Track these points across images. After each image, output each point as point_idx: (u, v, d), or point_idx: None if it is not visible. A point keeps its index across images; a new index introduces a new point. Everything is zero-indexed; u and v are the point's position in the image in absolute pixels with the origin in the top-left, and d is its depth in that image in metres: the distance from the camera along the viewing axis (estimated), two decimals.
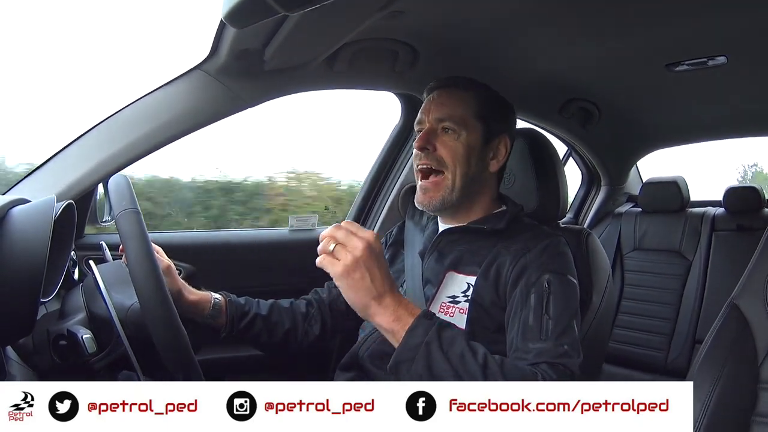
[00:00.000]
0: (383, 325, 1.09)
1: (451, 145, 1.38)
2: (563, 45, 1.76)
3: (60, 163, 1.42)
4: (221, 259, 1.89)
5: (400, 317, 1.08)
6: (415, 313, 1.09)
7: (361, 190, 2.29)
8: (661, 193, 3.19)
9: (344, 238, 1.07)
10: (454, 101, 1.40)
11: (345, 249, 1.06)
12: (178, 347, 1.02)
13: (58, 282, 1.15)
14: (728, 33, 1.66)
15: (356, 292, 1.07)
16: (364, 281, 1.06)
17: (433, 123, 1.39)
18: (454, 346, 1.06)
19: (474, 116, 1.39)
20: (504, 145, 1.44)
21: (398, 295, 1.11)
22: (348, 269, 1.05)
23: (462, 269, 1.37)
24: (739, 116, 2.67)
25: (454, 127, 1.38)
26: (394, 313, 1.08)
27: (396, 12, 1.36)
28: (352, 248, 1.06)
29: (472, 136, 1.39)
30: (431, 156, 1.37)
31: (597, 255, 1.57)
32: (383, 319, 1.08)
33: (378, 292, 1.07)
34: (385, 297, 1.08)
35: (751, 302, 1.19)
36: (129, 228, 1.03)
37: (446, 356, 1.05)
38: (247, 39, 1.36)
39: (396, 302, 1.09)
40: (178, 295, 1.37)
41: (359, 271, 1.06)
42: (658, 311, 3.02)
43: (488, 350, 1.12)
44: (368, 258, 1.06)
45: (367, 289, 1.07)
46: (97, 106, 1.57)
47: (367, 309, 1.08)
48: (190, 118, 1.48)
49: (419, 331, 1.07)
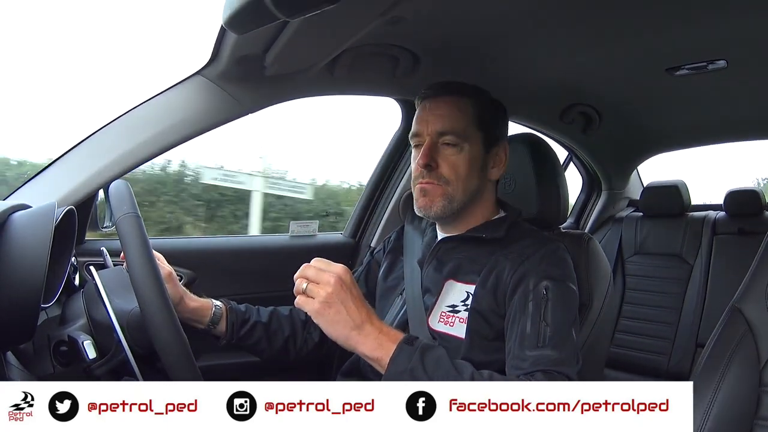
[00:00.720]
0: (366, 354, 1.09)
1: (453, 160, 1.34)
2: (564, 50, 1.76)
3: (61, 168, 1.42)
4: (222, 265, 1.88)
5: (382, 344, 1.09)
6: (396, 339, 1.10)
7: (362, 196, 2.29)
8: (662, 198, 3.19)
9: (314, 276, 1.09)
10: (453, 111, 1.36)
11: (317, 286, 1.08)
12: (179, 353, 1.02)
13: (58, 288, 1.14)
14: (728, 37, 1.66)
15: (335, 326, 1.08)
16: (341, 314, 1.08)
17: (434, 136, 1.35)
18: (438, 369, 1.07)
19: (474, 125, 1.37)
20: (503, 152, 1.43)
21: (378, 322, 1.12)
22: (323, 306, 1.07)
23: (461, 278, 1.37)
24: (740, 120, 2.66)
25: (456, 141, 1.34)
26: (375, 340, 1.09)
27: (397, 18, 1.35)
28: (324, 284, 1.08)
29: (473, 147, 1.36)
30: (434, 174, 1.34)
31: (598, 260, 1.57)
32: (366, 348, 1.09)
33: (356, 323, 1.08)
34: (364, 327, 1.09)
35: (753, 306, 1.18)
36: (129, 232, 1.03)
37: (431, 380, 1.05)
38: (248, 45, 1.36)
39: (377, 330, 1.10)
40: (179, 302, 1.37)
41: (334, 306, 1.07)
42: (660, 315, 3.01)
43: (487, 360, 1.12)
44: (340, 291, 1.08)
45: (344, 322, 1.08)
46: (98, 111, 1.58)
47: (349, 341, 1.09)
48: (190, 124, 1.48)
49: (402, 358, 1.07)
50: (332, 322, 1.08)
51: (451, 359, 1.10)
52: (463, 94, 1.39)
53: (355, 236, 2.25)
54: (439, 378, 1.05)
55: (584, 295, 1.48)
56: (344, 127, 3.58)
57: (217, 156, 3.39)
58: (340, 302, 1.07)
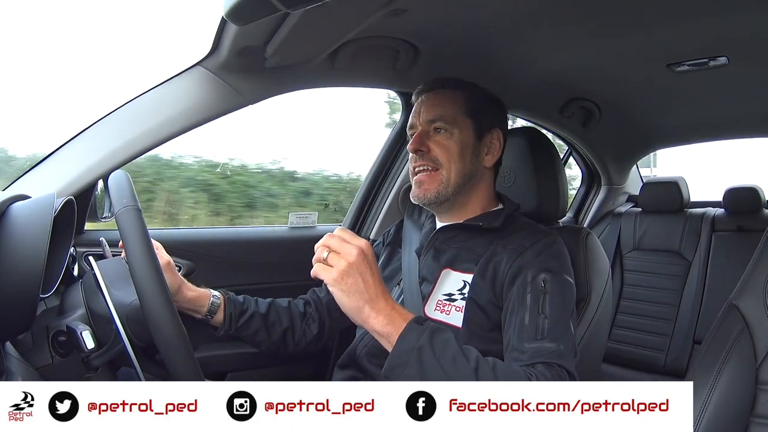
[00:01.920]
0: (376, 329, 1.09)
1: (445, 144, 1.39)
2: (564, 45, 1.76)
3: (60, 159, 1.42)
4: (221, 255, 1.88)
5: (392, 321, 1.08)
6: (407, 318, 1.09)
7: (361, 188, 2.29)
8: (661, 194, 3.19)
9: (338, 246, 1.08)
10: (443, 101, 1.42)
11: (338, 255, 1.07)
12: (178, 345, 1.02)
13: (57, 278, 1.14)
14: (729, 33, 1.66)
15: (349, 296, 1.07)
16: (357, 286, 1.06)
17: (425, 125, 1.41)
18: (446, 351, 1.06)
19: (464, 113, 1.41)
20: (497, 139, 1.46)
21: (391, 300, 1.11)
22: (341, 274, 1.06)
23: (458, 267, 1.38)
24: (740, 117, 2.67)
25: (445, 126, 1.40)
26: (387, 317, 1.08)
27: (398, 10, 1.35)
28: (346, 254, 1.06)
29: (464, 133, 1.40)
30: (426, 157, 1.39)
31: (596, 255, 1.57)
32: (376, 323, 1.08)
33: (370, 297, 1.08)
34: (378, 301, 1.08)
35: (750, 303, 1.19)
36: (129, 225, 1.03)
37: (438, 360, 1.05)
38: (249, 36, 1.35)
39: (389, 307, 1.09)
40: (177, 291, 1.37)
41: (352, 277, 1.06)
42: (658, 311, 3.02)
43: (484, 350, 1.12)
44: (361, 263, 1.07)
45: (360, 294, 1.07)
46: (98, 102, 1.57)
47: (360, 313, 1.08)
48: (191, 115, 1.48)
49: (411, 336, 1.07)
50: (347, 293, 1.07)
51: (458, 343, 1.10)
52: (455, 87, 1.45)
53: (355, 228, 2.25)
54: (445, 359, 1.05)
55: (582, 290, 1.49)
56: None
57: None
58: (359, 274, 1.06)
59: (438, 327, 1.11)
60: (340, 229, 1.11)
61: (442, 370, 1.04)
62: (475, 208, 1.44)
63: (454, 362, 1.05)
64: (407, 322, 1.08)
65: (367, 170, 2.29)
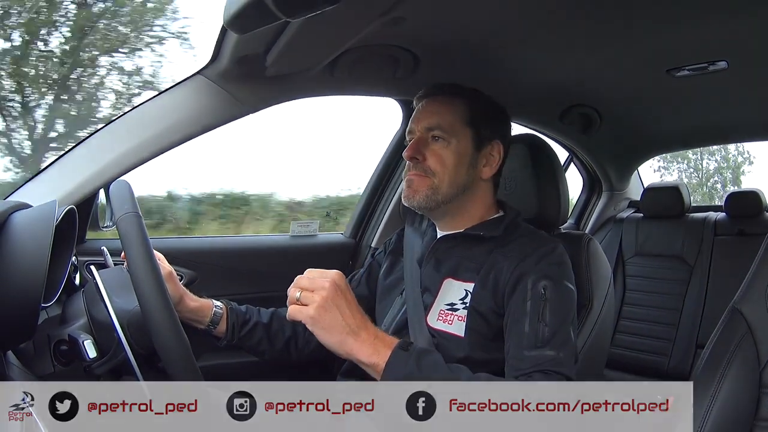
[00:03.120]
0: (363, 360, 1.08)
1: (440, 153, 1.37)
2: (564, 51, 1.76)
3: (62, 168, 1.43)
4: (222, 265, 1.88)
5: (378, 350, 1.08)
6: (392, 345, 1.09)
7: (362, 197, 2.29)
8: (663, 199, 3.19)
9: (308, 284, 1.08)
10: (443, 109, 1.40)
11: (311, 293, 1.07)
12: (180, 354, 1.02)
13: (59, 287, 1.14)
14: (728, 38, 1.66)
15: (330, 332, 1.07)
16: (336, 320, 1.07)
17: (423, 132, 1.39)
18: (435, 374, 1.06)
19: (463, 123, 1.39)
20: (497, 152, 1.43)
21: (373, 328, 1.11)
22: (318, 310, 1.06)
23: (460, 276, 1.37)
24: (740, 121, 2.67)
25: (443, 135, 1.37)
26: (371, 346, 1.08)
27: (397, 18, 1.36)
28: (319, 289, 1.07)
29: (462, 143, 1.38)
30: (420, 167, 1.37)
31: (598, 260, 1.57)
32: (362, 354, 1.08)
33: (351, 329, 1.08)
34: (360, 333, 1.08)
35: (753, 307, 1.18)
36: (130, 231, 1.03)
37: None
38: (249, 45, 1.36)
39: (372, 336, 1.09)
40: (179, 301, 1.37)
41: (329, 311, 1.06)
42: (660, 316, 3.01)
43: (486, 358, 1.12)
44: (335, 296, 1.07)
45: (341, 327, 1.07)
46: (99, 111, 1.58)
47: (344, 346, 1.08)
48: (191, 124, 1.48)
49: (399, 363, 1.07)
50: (328, 328, 1.07)
51: (447, 363, 1.10)
52: (454, 94, 1.42)
53: (356, 236, 2.25)
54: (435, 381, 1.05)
55: (584, 296, 1.48)
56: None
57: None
58: (335, 306, 1.07)
59: (424, 350, 1.11)
60: (308, 270, 1.11)
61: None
62: (474, 216, 1.43)
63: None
64: (392, 351, 1.08)
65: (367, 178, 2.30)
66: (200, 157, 2.91)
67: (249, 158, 3.56)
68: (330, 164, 3.93)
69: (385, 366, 1.06)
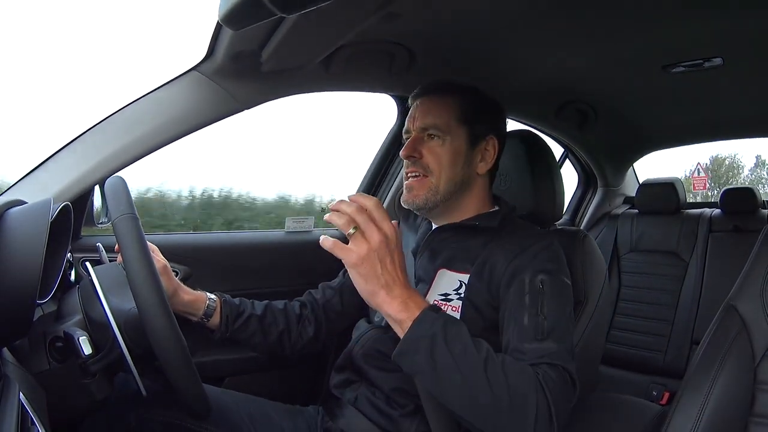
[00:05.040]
0: (390, 314, 1.08)
1: (437, 152, 1.39)
2: (559, 47, 1.76)
3: (57, 164, 1.42)
4: (217, 260, 1.88)
5: (407, 308, 1.07)
6: (422, 306, 1.08)
7: (357, 192, 2.29)
8: (658, 195, 3.20)
9: (364, 224, 1.05)
10: (438, 107, 1.41)
11: (361, 238, 1.05)
12: (176, 350, 1.02)
13: (54, 284, 1.14)
14: (724, 35, 1.66)
15: (366, 280, 1.06)
16: (375, 271, 1.05)
17: (419, 131, 1.41)
18: (458, 341, 1.06)
19: (458, 120, 1.40)
20: (492, 147, 1.44)
21: (408, 286, 1.10)
22: (361, 260, 1.05)
23: (454, 267, 1.38)
24: (735, 118, 2.67)
25: (438, 134, 1.39)
26: (402, 303, 1.07)
27: (392, 14, 1.35)
28: (369, 237, 1.05)
29: (457, 141, 1.39)
30: (418, 164, 1.39)
31: (593, 256, 1.57)
32: (390, 308, 1.07)
33: (387, 282, 1.07)
34: (393, 288, 1.07)
35: (748, 303, 1.19)
36: (126, 234, 1.03)
37: (449, 349, 1.04)
38: (244, 41, 1.35)
39: (405, 294, 1.08)
40: (173, 294, 1.37)
41: (371, 262, 1.05)
42: (655, 312, 3.03)
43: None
44: (382, 249, 1.05)
45: (377, 279, 1.06)
46: (94, 107, 1.57)
47: (375, 297, 1.08)
48: (186, 120, 1.48)
49: (425, 324, 1.06)
50: (364, 276, 1.06)
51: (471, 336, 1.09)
52: (448, 92, 1.43)
53: None
54: (455, 349, 1.04)
55: (580, 292, 1.49)
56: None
57: None
58: (378, 260, 1.05)
59: (452, 318, 1.10)
60: (374, 203, 1.08)
61: (452, 359, 1.04)
62: (470, 210, 1.44)
63: (465, 353, 1.05)
64: (422, 310, 1.08)
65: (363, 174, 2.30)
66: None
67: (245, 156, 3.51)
68: (324, 161, 3.90)
69: (412, 323, 1.06)
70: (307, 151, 3.81)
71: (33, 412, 0.85)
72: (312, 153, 3.85)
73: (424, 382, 1.08)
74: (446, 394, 1.06)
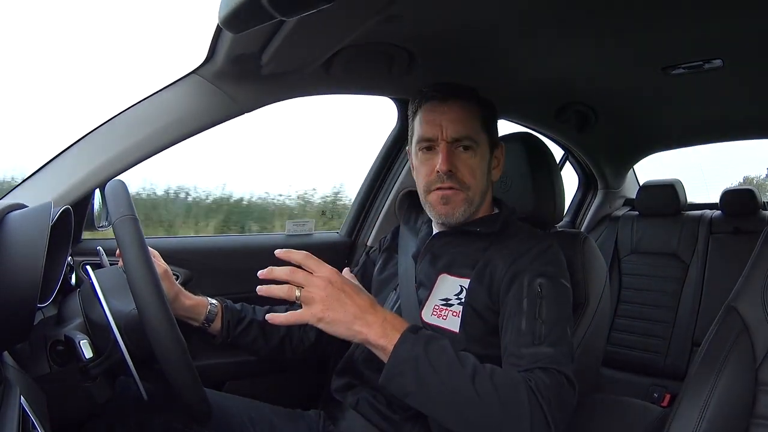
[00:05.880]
0: (371, 341, 1.09)
1: (470, 164, 1.37)
2: (559, 49, 1.76)
3: (57, 168, 1.42)
4: (218, 264, 1.88)
5: (386, 333, 1.08)
6: (401, 328, 1.09)
7: (358, 195, 2.29)
8: (658, 197, 3.20)
9: (305, 281, 1.08)
10: (467, 116, 1.38)
11: (309, 294, 1.07)
12: (177, 354, 1.02)
13: (55, 287, 1.14)
14: (724, 36, 1.66)
15: (337, 325, 1.08)
16: (339, 314, 1.07)
17: (450, 140, 1.37)
18: (441, 359, 1.06)
19: (482, 129, 1.40)
20: (501, 153, 1.47)
21: (381, 311, 1.12)
22: (321, 312, 1.07)
23: (455, 271, 1.37)
24: (736, 119, 2.67)
25: (471, 145, 1.37)
26: (380, 328, 1.08)
27: (392, 16, 1.35)
28: (315, 291, 1.07)
29: (482, 150, 1.40)
30: (454, 178, 1.36)
31: (594, 258, 1.57)
32: (371, 336, 1.08)
33: (356, 316, 1.08)
34: (365, 317, 1.08)
35: (749, 305, 1.19)
36: (127, 236, 1.03)
37: (434, 368, 1.04)
38: (244, 44, 1.35)
39: (381, 319, 1.09)
40: (174, 299, 1.37)
41: (331, 310, 1.07)
42: (656, 314, 3.02)
43: (481, 354, 1.12)
44: (333, 293, 1.07)
45: (345, 318, 1.07)
46: (94, 110, 1.57)
47: (355, 335, 1.09)
48: (186, 123, 1.48)
49: (406, 346, 1.07)
50: (332, 323, 1.07)
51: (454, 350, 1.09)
52: (472, 99, 1.41)
53: (352, 235, 2.25)
54: (441, 368, 1.04)
55: (580, 294, 1.49)
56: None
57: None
58: (336, 302, 1.07)
59: (432, 335, 1.11)
60: (302, 256, 1.11)
61: (438, 377, 1.04)
62: (474, 214, 1.44)
63: (450, 369, 1.05)
64: (401, 333, 1.08)
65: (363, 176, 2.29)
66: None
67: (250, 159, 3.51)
68: (325, 162, 3.90)
69: (393, 348, 1.06)
70: (307, 151, 3.79)
71: (34, 416, 0.85)
72: (311, 153, 3.83)
73: (415, 403, 1.08)
74: (438, 412, 1.07)
